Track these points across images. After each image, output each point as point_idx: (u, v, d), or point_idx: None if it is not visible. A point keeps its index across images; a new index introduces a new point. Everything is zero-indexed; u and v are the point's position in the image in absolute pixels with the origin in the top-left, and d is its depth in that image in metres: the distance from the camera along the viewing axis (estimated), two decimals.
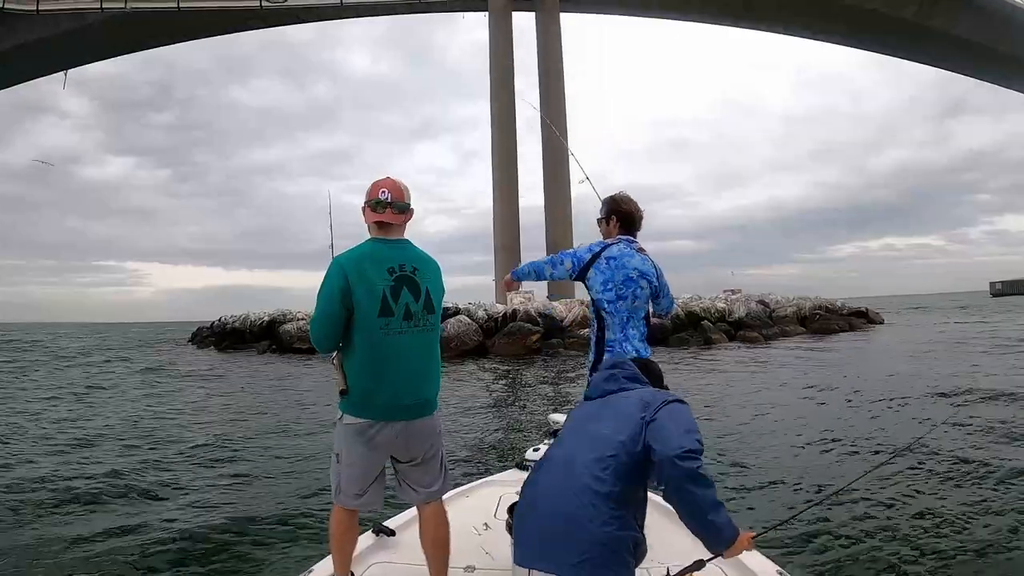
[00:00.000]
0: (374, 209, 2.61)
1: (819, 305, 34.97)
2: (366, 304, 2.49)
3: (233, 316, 34.97)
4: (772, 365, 17.88)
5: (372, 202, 2.61)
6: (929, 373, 13.90)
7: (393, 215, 2.61)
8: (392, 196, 2.61)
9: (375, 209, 2.61)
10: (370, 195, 2.63)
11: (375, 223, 2.63)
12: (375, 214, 2.61)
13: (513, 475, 4.08)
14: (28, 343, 45.64)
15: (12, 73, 46.16)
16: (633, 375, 2.29)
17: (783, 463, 6.88)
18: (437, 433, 2.70)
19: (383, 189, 2.61)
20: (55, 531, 5.24)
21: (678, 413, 1.98)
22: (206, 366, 24.00)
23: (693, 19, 45.23)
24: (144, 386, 17.06)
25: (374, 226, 2.64)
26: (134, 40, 44.50)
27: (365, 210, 2.65)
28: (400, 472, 2.67)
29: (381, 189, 2.61)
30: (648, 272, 3.27)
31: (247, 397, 14.40)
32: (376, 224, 2.63)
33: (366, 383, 2.52)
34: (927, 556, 4.36)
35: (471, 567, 2.84)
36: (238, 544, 4.93)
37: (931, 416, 9.14)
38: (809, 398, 11.71)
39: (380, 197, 2.60)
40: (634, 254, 3.27)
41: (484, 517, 3.38)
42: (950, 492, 5.62)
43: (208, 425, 10.60)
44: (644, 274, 3.24)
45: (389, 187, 2.62)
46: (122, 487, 6.59)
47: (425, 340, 2.61)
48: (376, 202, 2.60)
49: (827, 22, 42.64)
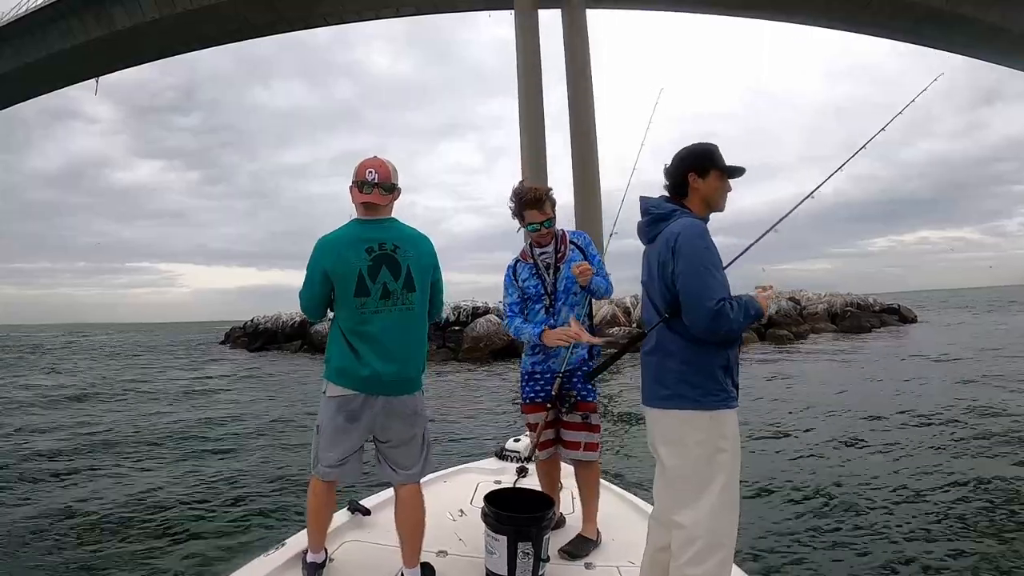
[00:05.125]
0: (361, 189, 2.62)
1: (850, 302, 34.47)
2: (343, 283, 2.55)
3: (265, 316, 35.33)
4: (793, 370, 17.71)
5: (359, 182, 2.62)
6: (955, 382, 13.05)
7: (380, 196, 2.62)
8: (379, 176, 2.62)
9: (362, 189, 2.61)
10: (357, 175, 2.63)
11: (361, 203, 2.64)
12: (362, 195, 2.62)
13: (492, 463, 4.15)
14: (73, 343, 46.58)
15: (44, 81, 47.03)
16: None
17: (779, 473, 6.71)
18: (419, 414, 2.69)
19: (370, 169, 2.62)
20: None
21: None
22: (239, 367, 24.41)
23: (721, 12, 44.62)
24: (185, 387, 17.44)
25: (360, 206, 2.65)
26: (162, 46, 45.03)
27: (352, 190, 2.65)
28: (380, 451, 2.69)
29: (368, 169, 2.62)
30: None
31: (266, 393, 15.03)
32: (362, 205, 2.64)
33: (343, 355, 2.57)
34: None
35: (443, 551, 2.88)
36: (216, 519, 5.47)
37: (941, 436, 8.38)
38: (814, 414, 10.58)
39: (367, 178, 2.61)
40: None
41: (460, 503, 3.44)
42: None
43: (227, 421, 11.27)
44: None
45: (376, 167, 2.63)
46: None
47: (405, 318, 2.61)
48: (363, 183, 2.61)
49: (857, 11, 41.87)
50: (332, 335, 2.65)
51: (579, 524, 3.13)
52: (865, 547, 4.72)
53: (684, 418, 2.20)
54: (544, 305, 3.16)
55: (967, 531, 4.96)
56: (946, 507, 5.49)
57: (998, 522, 5.11)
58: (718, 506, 2.14)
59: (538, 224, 3.14)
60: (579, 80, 38.41)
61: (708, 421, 2.18)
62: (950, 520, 5.18)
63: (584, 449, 3.09)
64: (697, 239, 2.19)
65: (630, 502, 3.56)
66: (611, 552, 2.97)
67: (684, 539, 2.15)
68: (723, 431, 2.19)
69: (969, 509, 5.42)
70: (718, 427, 2.19)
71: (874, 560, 4.50)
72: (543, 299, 3.16)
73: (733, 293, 2.20)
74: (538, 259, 3.21)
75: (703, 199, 2.36)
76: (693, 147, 2.39)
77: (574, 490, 3.28)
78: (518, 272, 3.25)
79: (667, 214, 2.32)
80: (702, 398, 2.18)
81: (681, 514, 2.18)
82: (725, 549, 2.16)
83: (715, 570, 2.13)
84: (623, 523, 3.24)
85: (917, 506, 5.53)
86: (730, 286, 2.23)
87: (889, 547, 4.70)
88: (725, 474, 2.16)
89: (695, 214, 2.32)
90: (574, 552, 2.94)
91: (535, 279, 3.19)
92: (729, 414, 2.22)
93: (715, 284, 2.15)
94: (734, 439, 2.22)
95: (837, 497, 5.84)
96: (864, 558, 4.55)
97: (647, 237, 2.39)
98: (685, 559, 2.13)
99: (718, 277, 2.18)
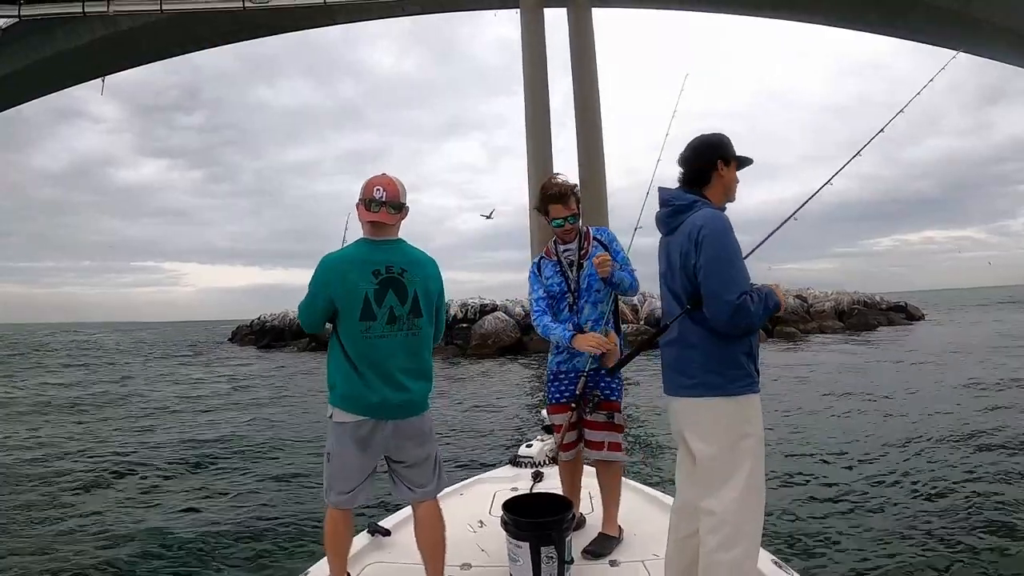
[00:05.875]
0: (368, 208, 2.53)
1: (857, 300, 34.43)
2: (347, 308, 2.46)
3: (272, 314, 35.49)
4: (804, 362, 17.69)
5: (367, 200, 2.53)
6: (964, 379, 12.95)
7: (388, 215, 2.53)
8: (387, 195, 2.52)
9: (369, 208, 2.52)
10: (365, 193, 2.54)
11: (369, 223, 2.55)
12: (370, 213, 2.53)
13: (507, 472, 4.13)
14: (85, 343, 46.70)
15: (51, 80, 47.20)
16: None
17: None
18: (428, 433, 2.65)
19: (378, 187, 2.52)
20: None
21: None
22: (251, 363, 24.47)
23: (726, 11, 44.54)
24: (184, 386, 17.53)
25: (367, 225, 2.56)
26: (167, 46, 45.15)
27: (359, 208, 2.56)
28: (394, 471, 2.65)
29: (376, 187, 2.52)
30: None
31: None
32: (370, 224, 2.56)
33: (349, 381, 2.49)
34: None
35: (467, 564, 2.86)
36: (241, 545, 5.17)
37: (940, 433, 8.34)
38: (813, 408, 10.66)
39: (375, 196, 2.51)
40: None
41: (479, 515, 3.41)
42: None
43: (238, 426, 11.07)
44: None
45: (384, 185, 2.53)
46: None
47: (410, 343, 2.54)
48: (371, 200, 2.52)
49: (863, 10, 41.76)
50: (333, 356, 2.56)
51: (599, 523, 3.10)
52: (883, 530, 4.79)
53: (711, 405, 2.21)
54: (568, 303, 3.14)
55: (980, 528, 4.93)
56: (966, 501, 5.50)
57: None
58: (746, 491, 2.14)
59: (562, 219, 3.13)
60: (585, 79, 38.34)
61: (734, 406, 2.19)
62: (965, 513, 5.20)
63: (608, 449, 3.05)
64: (721, 232, 2.18)
65: (648, 495, 3.56)
66: (635, 547, 2.97)
67: (713, 525, 2.15)
68: (748, 415, 2.20)
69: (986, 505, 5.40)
70: (744, 412, 2.20)
71: (892, 545, 4.55)
72: (567, 296, 3.14)
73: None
74: (562, 256, 3.20)
75: (725, 188, 2.36)
76: (715, 136, 2.38)
77: (592, 489, 3.26)
78: (543, 269, 3.23)
79: (688, 205, 2.30)
80: (728, 384, 2.19)
81: (710, 500, 2.18)
82: (753, 533, 2.17)
83: (744, 553, 2.13)
84: (643, 517, 3.23)
85: (941, 501, 5.54)
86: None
87: (910, 538, 4.73)
88: (751, 459, 2.17)
89: (714, 204, 2.32)
90: (598, 551, 2.92)
91: (559, 276, 3.17)
92: (754, 398, 2.23)
93: (738, 278, 2.15)
94: (759, 423, 2.23)
95: (852, 485, 5.90)
96: (879, 540, 4.61)
97: (667, 228, 2.37)
98: (715, 544, 2.13)
99: (740, 270, 2.18)
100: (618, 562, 2.85)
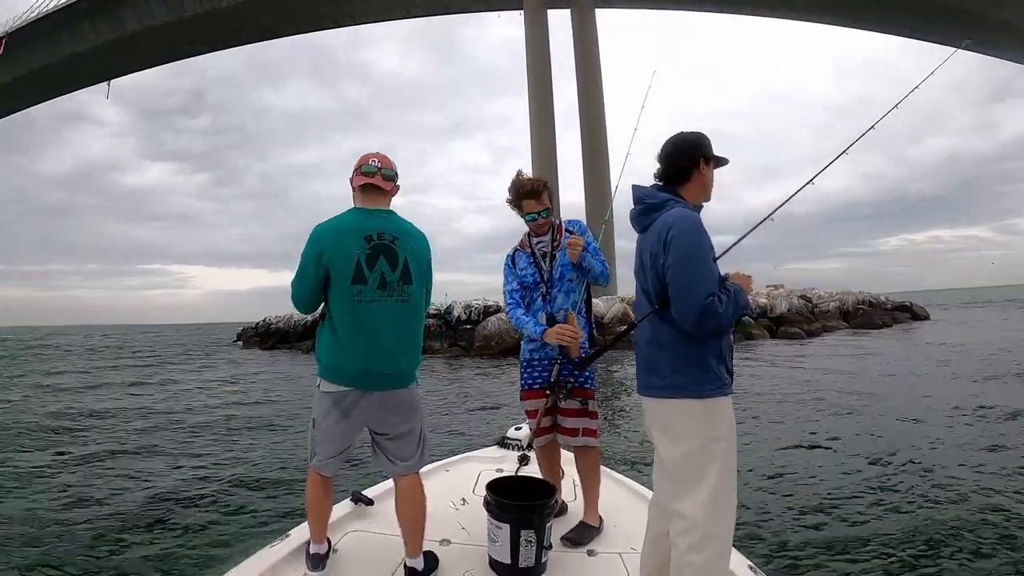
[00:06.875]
0: (363, 173, 2.62)
1: (862, 300, 34.29)
2: (339, 270, 2.51)
3: (277, 316, 35.57)
4: (805, 364, 17.60)
5: (361, 168, 2.63)
6: (971, 376, 12.99)
7: (382, 180, 2.62)
8: (382, 165, 2.64)
9: (364, 173, 2.62)
10: (360, 163, 2.66)
11: (361, 187, 2.63)
12: (365, 177, 2.61)
13: (494, 452, 4.16)
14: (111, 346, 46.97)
15: (57, 84, 47.58)
16: None
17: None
18: (413, 407, 2.68)
19: (373, 159, 2.65)
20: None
21: None
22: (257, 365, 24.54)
23: (729, 11, 44.51)
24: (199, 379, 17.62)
25: (359, 192, 2.64)
26: (172, 48, 45.42)
27: (353, 177, 2.65)
28: (376, 442, 2.69)
29: (372, 159, 2.65)
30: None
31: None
32: (362, 189, 2.63)
33: (339, 350, 2.54)
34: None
35: (447, 540, 2.89)
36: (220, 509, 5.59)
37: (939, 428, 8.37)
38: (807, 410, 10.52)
39: (370, 163, 2.63)
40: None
41: (463, 492, 3.44)
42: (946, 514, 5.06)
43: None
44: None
45: (379, 157, 2.67)
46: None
47: (400, 310, 2.58)
48: (366, 167, 2.63)
49: (866, 8, 41.65)
50: (321, 333, 2.63)
51: (581, 511, 3.15)
52: (865, 535, 4.67)
53: (679, 407, 2.19)
54: (541, 292, 3.22)
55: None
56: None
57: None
58: (716, 493, 2.13)
59: (536, 214, 3.22)
60: (589, 79, 38.43)
61: (703, 409, 2.17)
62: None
63: (583, 435, 3.11)
64: (690, 232, 2.15)
65: (631, 488, 3.58)
66: (613, 539, 2.99)
67: (684, 528, 2.15)
68: (719, 418, 2.18)
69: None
70: (713, 415, 2.18)
71: (872, 550, 4.42)
72: (540, 286, 3.22)
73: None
74: (535, 248, 3.28)
75: (704, 187, 2.34)
76: (696, 134, 2.36)
77: (575, 477, 3.29)
78: (517, 261, 3.31)
79: (660, 203, 2.28)
80: (697, 387, 2.16)
81: (680, 503, 2.17)
82: (724, 536, 2.16)
83: (716, 556, 2.13)
84: (624, 509, 3.26)
85: (937, 507, 5.40)
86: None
87: (907, 544, 4.61)
88: (721, 462, 2.15)
89: (688, 204, 2.30)
90: (576, 539, 2.95)
91: (532, 267, 3.25)
92: (724, 401, 2.21)
93: (706, 278, 2.11)
94: (730, 426, 2.21)
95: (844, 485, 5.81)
96: (867, 546, 4.49)
97: (640, 226, 2.36)
98: (685, 546, 2.13)
99: (709, 270, 2.15)
100: (596, 552, 2.87)
